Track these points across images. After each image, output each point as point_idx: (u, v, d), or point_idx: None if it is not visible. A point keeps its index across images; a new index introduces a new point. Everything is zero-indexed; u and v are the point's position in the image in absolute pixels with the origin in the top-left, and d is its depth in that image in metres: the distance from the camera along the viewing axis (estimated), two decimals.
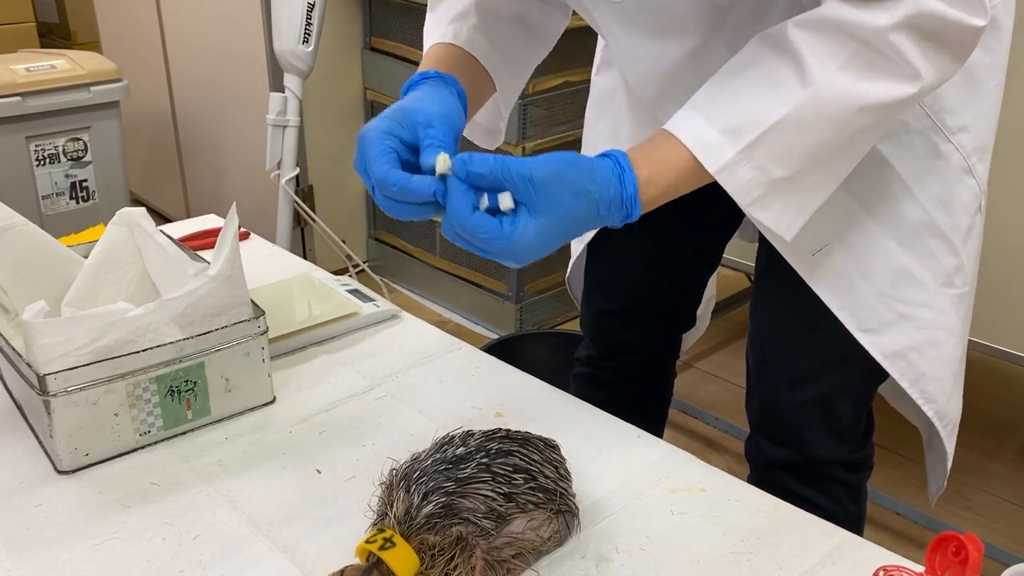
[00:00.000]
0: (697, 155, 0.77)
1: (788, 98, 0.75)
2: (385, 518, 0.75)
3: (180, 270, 0.99)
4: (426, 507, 0.73)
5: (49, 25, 3.88)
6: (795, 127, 0.76)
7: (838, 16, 0.74)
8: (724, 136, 0.76)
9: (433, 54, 0.94)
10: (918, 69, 0.75)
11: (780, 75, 0.76)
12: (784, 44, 0.76)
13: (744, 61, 0.79)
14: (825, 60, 0.74)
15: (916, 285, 0.96)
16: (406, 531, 0.73)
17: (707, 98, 0.79)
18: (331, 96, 2.68)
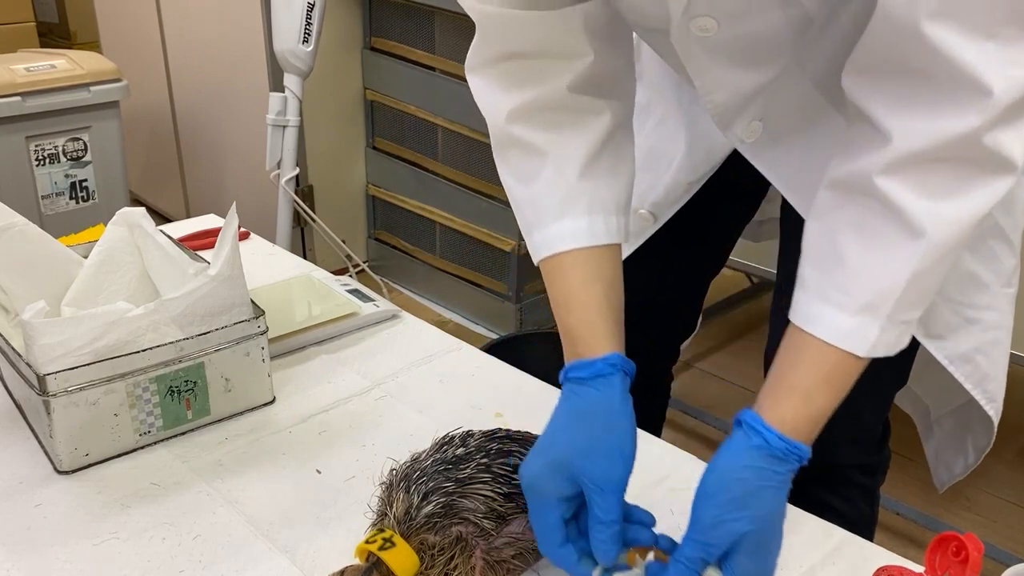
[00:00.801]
0: (844, 347, 0.73)
1: (906, 257, 0.70)
2: (385, 518, 0.75)
3: (180, 270, 0.99)
4: (426, 507, 0.73)
5: (49, 25, 3.88)
6: (922, 277, 0.72)
7: (922, 145, 0.68)
8: (860, 317, 0.72)
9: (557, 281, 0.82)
10: (1014, 158, 0.69)
11: (886, 234, 0.71)
12: (875, 197, 0.71)
13: (838, 224, 0.74)
14: (921, 198, 0.69)
15: (982, 288, 0.95)
16: (406, 531, 0.73)
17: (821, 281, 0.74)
18: (331, 96, 2.68)
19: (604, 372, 0.77)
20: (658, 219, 1.07)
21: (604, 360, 0.77)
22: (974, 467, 1.11)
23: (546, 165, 0.83)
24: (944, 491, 1.15)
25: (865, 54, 0.71)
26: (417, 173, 2.68)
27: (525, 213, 0.85)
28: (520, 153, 0.84)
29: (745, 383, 2.35)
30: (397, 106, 2.66)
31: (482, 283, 2.61)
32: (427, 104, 2.55)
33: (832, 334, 0.73)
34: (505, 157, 0.86)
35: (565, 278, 0.82)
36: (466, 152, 2.50)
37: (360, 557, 0.73)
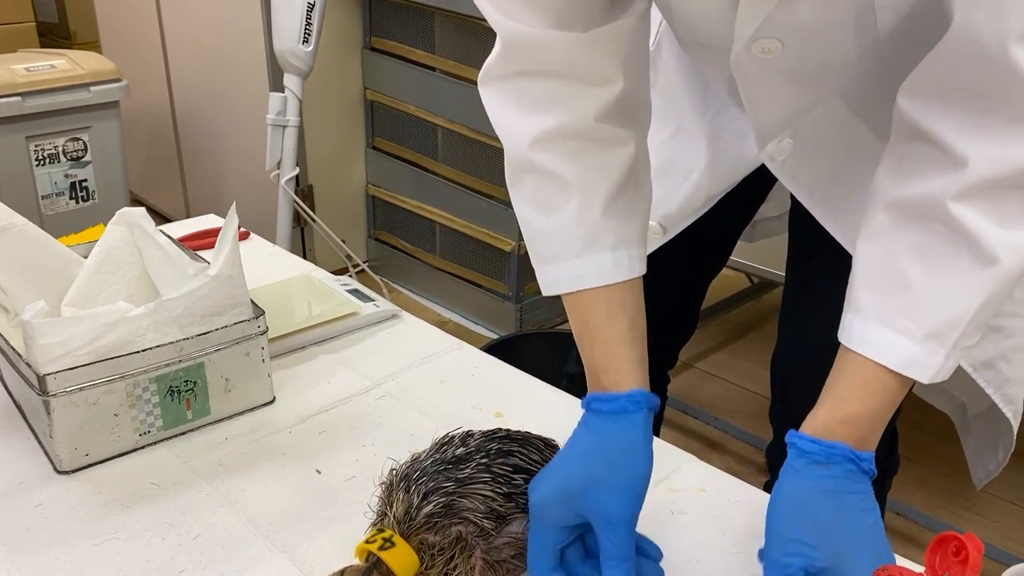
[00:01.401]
0: (907, 374, 0.72)
1: (977, 285, 0.69)
2: (385, 518, 0.75)
3: (180, 270, 0.99)
4: (426, 507, 0.73)
5: (49, 25, 3.88)
6: (991, 305, 0.71)
7: (999, 172, 0.66)
8: (926, 345, 0.71)
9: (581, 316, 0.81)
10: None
11: (956, 261, 0.69)
12: (947, 223, 0.69)
13: (903, 247, 0.71)
14: (992, 226, 0.67)
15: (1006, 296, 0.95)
16: (406, 531, 0.73)
17: (884, 304, 0.72)
18: (331, 96, 2.68)
19: (628, 408, 0.77)
20: (667, 231, 1.05)
21: (629, 396, 0.77)
22: (1004, 465, 1.10)
23: (571, 198, 0.79)
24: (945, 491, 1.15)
25: (936, 76, 0.69)
26: (417, 173, 2.68)
27: (541, 244, 0.82)
28: (541, 181, 0.80)
29: (745, 383, 2.35)
30: (397, 106, 2.66)
31: (482, 283, 2.61)
32: (427, 104, 2.55)
33: (896, 361, 0.71)
34: (522, 182, 0.82)
35: (589, 313, 0.81)
36: (466, 152, 2.50)
37: (360, 557, 0.73)
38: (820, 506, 0.71)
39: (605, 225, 0.80)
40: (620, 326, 0.80)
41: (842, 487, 0.71)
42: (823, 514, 0.70)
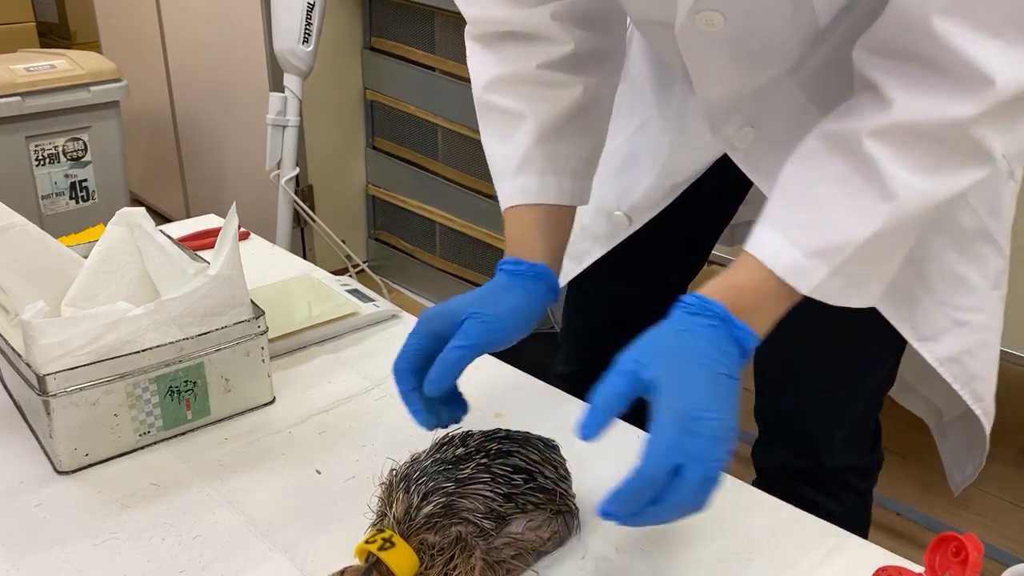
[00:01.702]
0: (789, 281, 0.76)
1: (872, 215, 0.74)
2: (384, 518, 0.75)
3: (180, 270, 0.99)
4: (425, 507, 0.73)
5: (49, 25, 3.88)
6: (880, 239, 0.75)
7: (915, 119, 0.72)
8: (812, 259, 0.75)
9: (517, 222, 0.92)
10: (993, 151, 0.73)
11: (861, 191, 0.74)
12: (860, 155, 0.74)
13: (820, 172, 0.77)
14: (902, 167, 0.73)
15: (970, 291, 0.96)
16: (405, 531, 0.73)
17: (788, 218, 0.77)
18: (331, 96, 2.68)
19: (529, 274, 0.87)
20: (633, 222, 1.08)
21: (530, 266, 0.87)
22: (981, 467, 1.12)
23: (518, 128, 0.92)
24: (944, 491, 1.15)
25: (878, 39, 0.75)
26: (417, 173, 2.68)
27: (493, 165, 0.95)
28: (497, 115, 0.94)
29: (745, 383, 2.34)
30: (397, 106, 2.66)
31: (482, 283, 2.60)
32: (427, 104, 2.55)
33: (781, 267, 0.76)
34: (482, 117, 0.96)
35: (516, 224, 0.92)
36: (466, 152, 2.50)
37: (360, 557, 0.73)
38: (675, 342, 0.73)
39: (536, 152, 0.92)
40: (541, 230, 0.91)
41: (704, 336, 0.73)
42: (675, 349, 0.73)
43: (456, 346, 0.80)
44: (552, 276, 0.88)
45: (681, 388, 0.70)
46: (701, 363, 0.72)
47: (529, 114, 0.92)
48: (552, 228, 0.92)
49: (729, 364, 0.73)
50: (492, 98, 0.94)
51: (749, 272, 0.77)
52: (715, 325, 0.74)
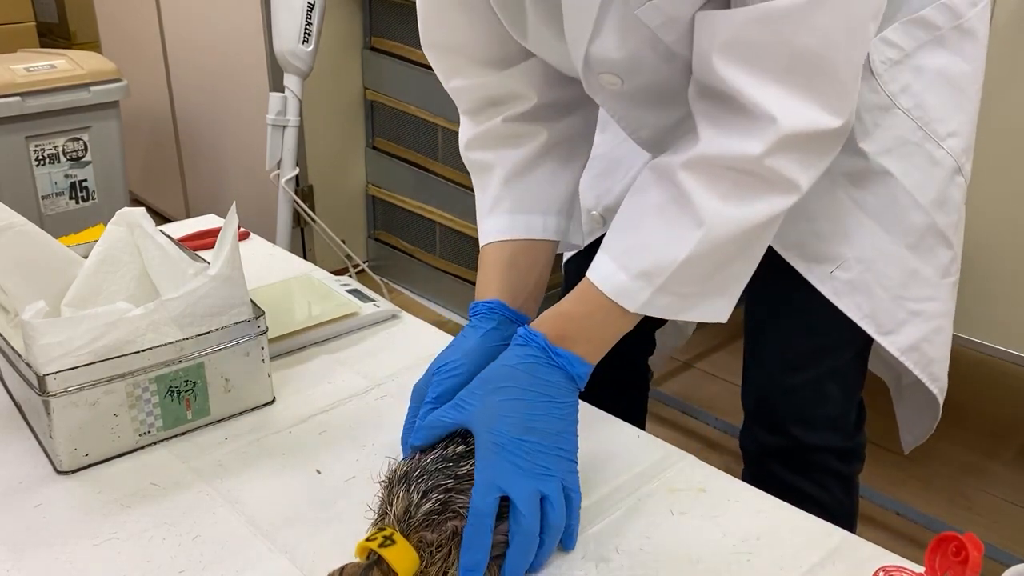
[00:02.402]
0: (615, 299, 0.84)
1: (686, 239, 0.81)
2: (385, 517, 0.75)
3: (180, 270, 0.99)
4: (425, 504, 0.73)
5: (49, 25, 3.88)
6: (696, 261, 0.82)
7: (716, 153, 0.80)
8: (636, 281, 0.83)
9: (481, 264, 0.99)
10: (796, 181, 0.80)
11: (676, 218, 0.82)
12: (675, 183, 0.82)
13: (644, 201, 0.85)
14: (711, 197, 0.80)
15: (923, 282, 1.02)
16: (405, 529, 0.73)
17: (617, 244, 0.85)
18: (331, 96, 2.68)
19: (483, 311, 0.92)
20: (606, 222, 1.15)
21: (484, 303, 0.93)
22: (931, 433, 1.18)
23: (491, 174, 1.01)
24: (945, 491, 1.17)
25: (695, 79, 0.83)
26: (417, 173, 2.68)
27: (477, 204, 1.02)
28: (475, 169, 1.03)
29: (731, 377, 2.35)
30: (397, 106, 2.66)
31: None
32: (427, 104, 2.55)
33: (610, 288, 0.84)
34: (471, 173, 1.05)
35: (482, 266, 0.98)
36: None
37: (360, 555, 0.73)
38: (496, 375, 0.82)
39: (503, 192, 0.99)
40: (503, 267, 0.96)
41: (523, 367, 0.81)
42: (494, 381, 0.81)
43: (426, 401, 0.86)
44: (505, 308, 0.93)
45: (492, 422, 0.78)
46: (515, 394, 0.80)
47: (496, 162, 1.00)
48: (515, 264, 0.97)
49: (551, 390, 0.81)
50: (470, 155, 1.03)
51: (582, 296, 0.85)
52: (536, 355, 0.82)
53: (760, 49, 0.76)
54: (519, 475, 0.76)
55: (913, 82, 0.96)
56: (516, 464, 0.76)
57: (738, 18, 0.76)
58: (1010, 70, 1.47)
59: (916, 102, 0.97)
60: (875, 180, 0.97)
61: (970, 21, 0.97)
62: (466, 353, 0.88)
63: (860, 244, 0.99)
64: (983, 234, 1.68)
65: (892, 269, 1.00)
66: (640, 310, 0.84)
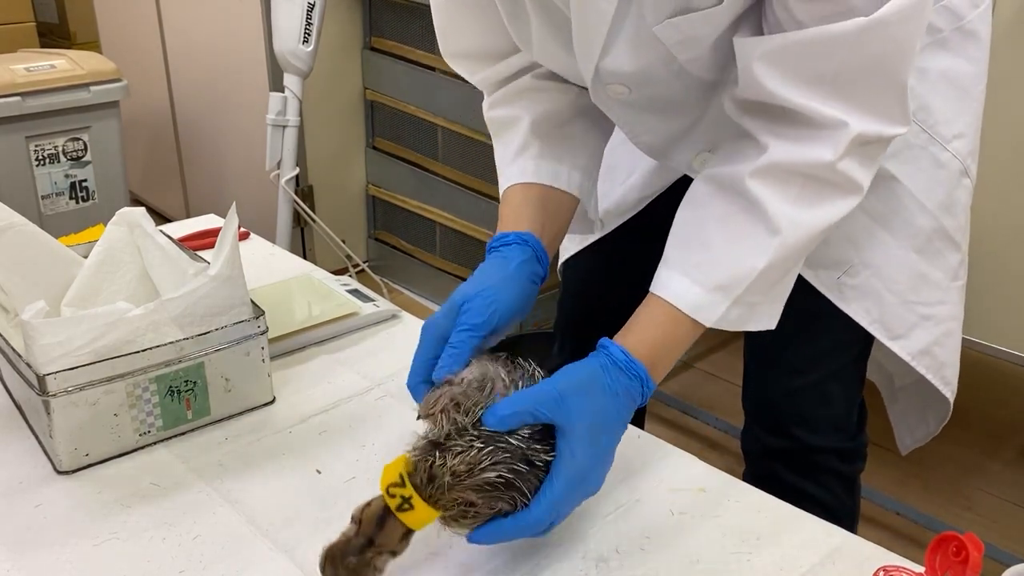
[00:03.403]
0: (694, 316, 0.82)
1: (762, 249, 0.80)
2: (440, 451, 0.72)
3: (180, 270, 0.99)
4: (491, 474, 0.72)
5: (49, 25, 3.88)
6: (772, 271, 0.82)
7: (788, 160, 0.80)
8: (713, 294, 0.82)
9: (508, 201, 0.96)
10: (861, 183, 0.81)
11: (748, 228, 0.81)
12: (744, 194, 0.81)
13: (710, 214, 0.84)
14: (783, 203, 0.80)
15: (932, 286, 1.02)
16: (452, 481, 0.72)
17: (686, 258, 0.83)
18: (331, 96, 2.68)
19: (516, 242, 0.89)
20: (605, 225, 1.16)
21: (516, 234, 0.90)
22: (934, 434, 1.18)
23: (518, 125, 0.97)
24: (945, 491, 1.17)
25: (740, 96, 0.83)
26: (417, 173, 2.68)
27: (498, 166, 0.99)
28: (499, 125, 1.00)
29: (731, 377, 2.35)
30: (397, 106, 2.66)
31: None
32: (427, 104, 2.55)
33: (686, 304, 0.82)
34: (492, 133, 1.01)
35: (508, 203, 0.95)
36: (466, 152, 2.50)
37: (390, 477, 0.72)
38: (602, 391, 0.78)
39: (532, 139, 0.96)
40: (531, 203, 0.94)
41: (624, 395, 0.79)
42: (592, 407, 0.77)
43: (461, 330, 0.81)
44: (539, 244, 0.90)
45: (589, 448, 0.76)
46: (611, 425, 0.78)
47: (525, 114, 0.97)
48: (543, 206, 0.94)
49: (627, 418, 0.80)
50: (494, 113, 1.00)
51: (662, 317, 0.83)
52: (634, 388, 0.79)
53: (810, 67, 0.77)
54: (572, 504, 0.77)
55: (917, 85, 0.96)
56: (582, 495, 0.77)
57: (783, 40, 0.76)
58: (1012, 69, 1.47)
59: (920, 104, 0.97)
60: (880, 184, 0.97)
61: (972, 23, 0.97)
62: (504, 279, 0.85)
63: (867, 249, 0.99)
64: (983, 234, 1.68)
65: (900, 273, 1.00)
66: (715, 324, 0.83)
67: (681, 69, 0.85)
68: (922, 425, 1.18)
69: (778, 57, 0.77)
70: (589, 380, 0.78)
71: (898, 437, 1.22)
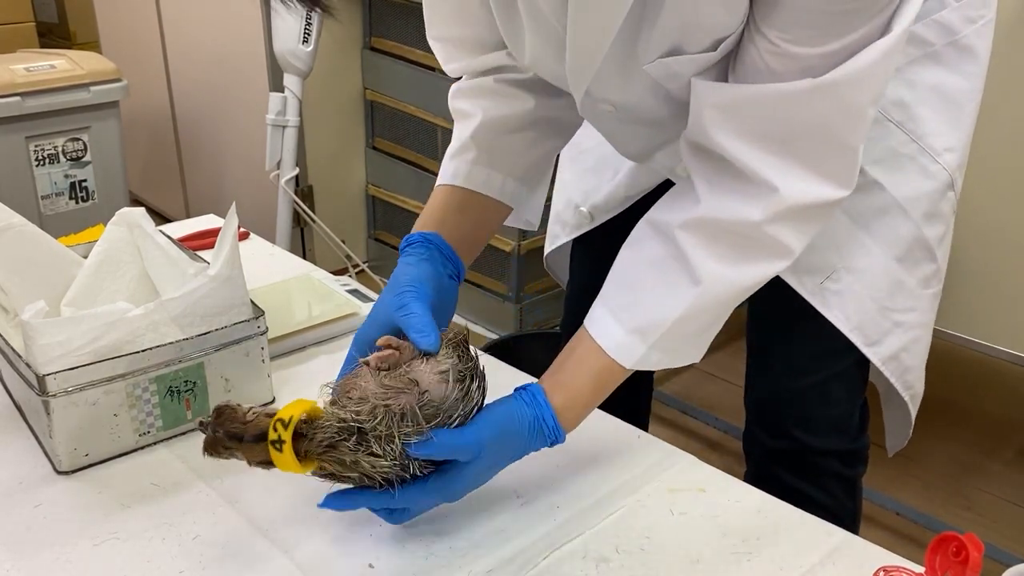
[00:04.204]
0: (613, 356, 0.85)
1: (681, 297, 0.83)
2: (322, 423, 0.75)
3: (180, 270, 0.99)
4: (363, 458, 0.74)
5: (49, 25, 3.87)
6: (690, 319, 0.84)
7: (715, 216, 0.81)
8: (631, 336, 0.84)
9: (431, 200, 1.00)
10: (791, 247, 0.82)
11: (673, 276, 0.83)
12: (674, 243, 0.83)
13: (643, 256, 0.86)
14: (708, 257, 0.81)
15: (906, 293, 1.03)
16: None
17: (614, 297, 0.87)
18: (331, 96, 2.68)
19: (416, 241, 0.93)
20: (595, 219, 1.18)
21: (420, 234, 0.93)
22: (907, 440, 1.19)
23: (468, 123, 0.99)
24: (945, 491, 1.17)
25: (689, 136, 0.84)
26: (417, 173, 2.68)
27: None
28: (457, 116, 1.02)
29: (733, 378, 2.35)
30: (397, 106, 2.66)
31: (482, 283, 2.61)
32: (427, 104, 2.55)
33: (607, 343, 0.85)
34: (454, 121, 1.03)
35: (432, 201, 0.99)
36: None
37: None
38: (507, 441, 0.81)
39: (471, 144, 0.98)
40: (450, 209, 0.97)
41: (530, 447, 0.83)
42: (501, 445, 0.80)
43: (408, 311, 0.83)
44: (444, 243, 0.93)
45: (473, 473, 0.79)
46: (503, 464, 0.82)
47: (479, 112, 0.99)
48: (460, 209, 0.98)
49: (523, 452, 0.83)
50: (455, 103, 1.02)
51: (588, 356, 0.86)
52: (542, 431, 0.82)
53: (758, 123, 0.77)
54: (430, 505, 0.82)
55: (905, 95, 0.96)
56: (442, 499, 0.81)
57: (737, 92, 0.77)
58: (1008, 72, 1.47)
59: (909, 115, 0.96)
60: (866, 191, 0.97)
61: (967, 38, 0.96)
62: (419, 279, 0.87)
63: (850, 255, 0.99)
64: (984, 234, 1.68)
65: (880, 280, 1.01)
66: (633, 367, 0.85)
67: (668, 95, 0.86)
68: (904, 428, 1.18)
69: (729, 109, 0.78)
70: (512, 433, 0.81)
71: (887, 438, 1.23)
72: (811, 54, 0.73)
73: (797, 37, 0.73)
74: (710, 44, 0.77)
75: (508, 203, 1.01)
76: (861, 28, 0.72)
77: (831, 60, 0.73)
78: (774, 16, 0.73)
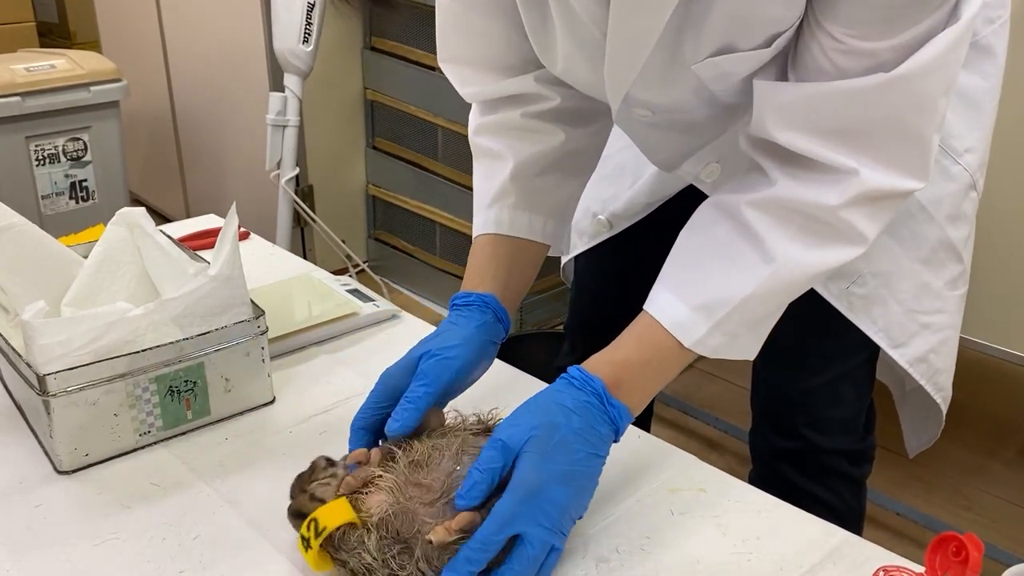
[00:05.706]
0: (674, 332, 0.82)
1: (752, 276, 0.80)
2: None
3: (180, 270, 0.99)
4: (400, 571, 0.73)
5: (49, 25, 3.88)
6: (758, 300, 0.81)
7: (790, 196, 0.79)
8: (696, 313, 0.81)
9: (476, 253, 0.98)
10: (866, 234, 0.80)
11: (741, 253, 0.81)
12: (744, 222, 0.81)
13: (705, 237, 0.84)
14: (781, 236, 0.79)
15: (933, 295, 1.03)
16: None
17: (676, 276, 0.84)
18: (331, 96, 2.68)
19: (477, 303, 0.91)
20: (614, 227, 1.17)
21: (478, 295, 0.92)
22: (935, 439, 1.18)
23: (500, 165, 0.97)
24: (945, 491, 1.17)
25: (753, 135, 0.82)
26: (417, 173, 2.68)
27: (475, 201, 1.00)
28: (482, 155, 1.00)
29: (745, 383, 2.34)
30: (397, 106, 2.66)
31: None
32: (427, 104, 2.55)
33: (667, 319, 0.82)
34: (475, 158, 1.02)
35: (477, 255, 0.98)
36: (466, 152, 2.49)
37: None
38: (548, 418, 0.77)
39: (511, 187, 0.96)
40: (498, 262, 0.96)
41: (580, 410, 0.78)
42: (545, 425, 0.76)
43: (418, 385, 0.82)
44: (499, 306, 0.92)
45: (538, 463, 0.74)
46: (566, 440, 0.76)
47: (509, 154, 0.96)
48: (511, 263, 0.96)
49: (596, 442, 0.78)
50: (479, 140, 1.00)
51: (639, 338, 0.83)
52: (592, 403, 0.78)
53: (829, 120, 0.76)
54: (540, 527, 0.73)
55: None
56: (544, 511, 0.73)
57: (802, 92, 0.76)
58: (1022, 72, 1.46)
59: None
60: None
61: (986, 38, 0.96)
62: (464, 340, 0.86)
63: (876, 258, 0.99)
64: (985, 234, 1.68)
65: (905, 283, 1.01)
66: (692, 346, 0.82)
67: (713, 97, 0.84)
68: (925, 429, 1.19)
69: (793, 109, 0.76)
70: (537, 398, 0.79)
71: (906, 440, 1.22)
72: (879, 48, 0.71)
73: (863, 32, 0.71)
74: (764, 40, 0.75)
75: (548, 243, 0.99)
76: (928, 18, 0.70)
77: (900, 53, 0.71)
78: (837, 11, 0.71)
